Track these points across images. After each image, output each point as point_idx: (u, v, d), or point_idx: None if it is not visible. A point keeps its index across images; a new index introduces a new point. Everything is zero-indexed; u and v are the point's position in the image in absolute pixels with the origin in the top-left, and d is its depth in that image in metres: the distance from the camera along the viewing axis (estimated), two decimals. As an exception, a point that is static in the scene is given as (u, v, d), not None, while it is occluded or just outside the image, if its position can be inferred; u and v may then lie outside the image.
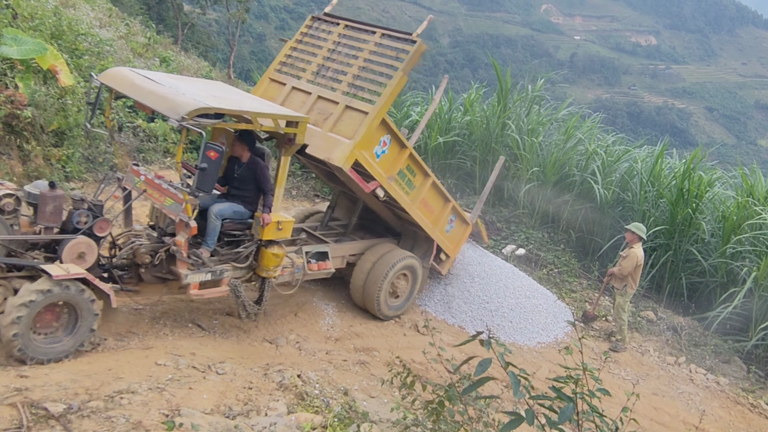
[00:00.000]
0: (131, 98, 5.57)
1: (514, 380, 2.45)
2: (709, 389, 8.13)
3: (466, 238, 8.51)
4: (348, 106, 6.61)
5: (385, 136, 6.75)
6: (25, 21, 9.42)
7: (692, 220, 10.41)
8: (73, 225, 5.34)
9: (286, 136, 5.94)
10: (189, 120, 4.96)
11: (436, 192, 7.70)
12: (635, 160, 12.09)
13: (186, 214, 5.51)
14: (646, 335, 9.29)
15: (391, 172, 6.93)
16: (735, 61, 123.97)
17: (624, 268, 8.37)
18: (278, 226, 6.07)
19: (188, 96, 5.29)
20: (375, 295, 7.35)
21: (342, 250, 7.48)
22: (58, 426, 3.87)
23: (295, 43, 7.59)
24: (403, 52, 6.68)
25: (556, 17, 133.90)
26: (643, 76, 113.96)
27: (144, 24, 17.59)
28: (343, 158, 6.30)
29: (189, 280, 5.71)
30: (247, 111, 5.49)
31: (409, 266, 7.68)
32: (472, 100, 13.64)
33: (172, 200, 5.69)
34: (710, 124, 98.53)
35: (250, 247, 6.14)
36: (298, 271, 6.70)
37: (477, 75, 62.97)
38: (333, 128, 6.56)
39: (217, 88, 6.42)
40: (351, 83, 6.80)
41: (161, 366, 5.07)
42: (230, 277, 6.06)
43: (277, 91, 7.23)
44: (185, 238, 5.58)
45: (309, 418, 4.54)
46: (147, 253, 5.73)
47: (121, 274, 5.78)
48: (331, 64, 7.09)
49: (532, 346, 8.26)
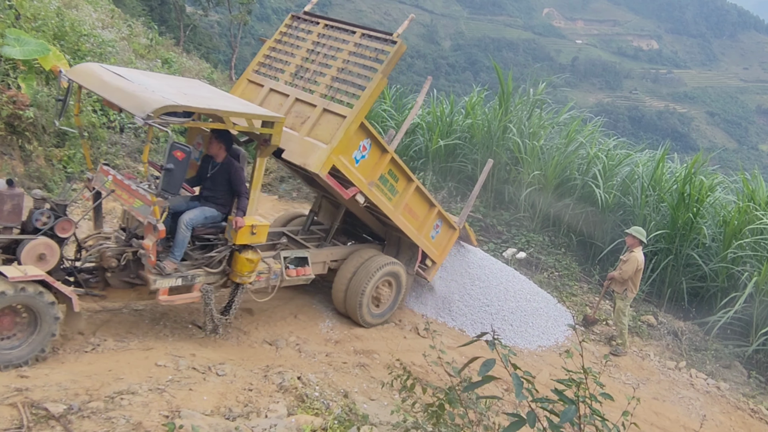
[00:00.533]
0: (98, 95, 5.34)
1: (517, 382, 2.44)
2: (709, 394, 8.12)
3: (452, 243, 8.29)
4: (326, 110, 6.39)
5: (365, 141, 6.51)
6: (28, 22, 9.45)
7: (693, 225, 10.41)
8: (34, 225, 5.11)
9: (261, 137, 5.75)
10: (155, 118, 4.74)
11: (420, 197, 7.49)
12: (636, 165, 12.10)
13: (154, 217, 5.28)
14: (647, 339, 9.28)
15: (371, 177, 6.70)
16: (736, 65, 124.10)
17: (624, 272, 8.36)
18: (252, 230, 5.83)
19: (156, 93, 5.05)
20: (357, 301, 7.14)
21: (323, 256, 7.24)
22: (59, 426, 3.87)
23: (274, 43, 7.33)
24: (383, 53, 6.40)
25: (557, 21, 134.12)
26: (644, 80, 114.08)
27: (146, 25, 17.65)
28: (319, 164, 6.06)
29: (158, 285, 5.49)
30: (218, 109, 5.25)
31: (392, 273, 7.46)
32: (474, 103, 13.66)
33: (141, 202, 5.48)
34: (711, 129, 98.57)
35: (223, 252, 5.92)
36: (275, 277, 6.45)
37: (478, 78, 63.02)
38: (310, 132, 6.34)
39: (191, 86, 6.19)
40: (329, 85, 6.56)
41: (161, 367, 5.07)
42: (202, 283, 5.83)
43: (255, 93, 7.01)
44: (153, 241, 5.33)
45: (309, 420, 4.54)
46: (113, 257, 5.51)
47: (87, 278, 5.56)
48: (310, 65, 6.84)
49: (533, 349, 8.25)
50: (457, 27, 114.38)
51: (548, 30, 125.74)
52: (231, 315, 6.16)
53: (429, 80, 8.82)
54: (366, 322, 7.35)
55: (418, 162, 13.64)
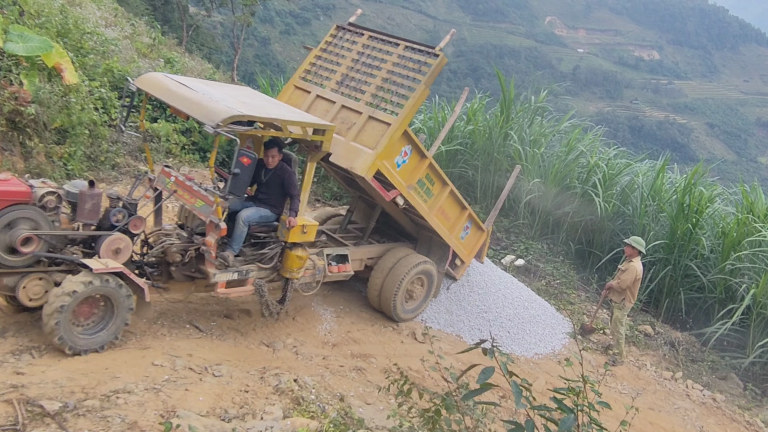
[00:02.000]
0: (167, 103, 5.75)
1: (516, 390, 2.44)
2: (705, 405, 8.11)
3: (480, 244, 8.64)
4: (371, 117, 6.74)
5: (406, 147, 6.88)
6: (31, 18, 9.45)
7: (692, 236, 10.42)
8: (110, 222, 5.54)
9: (312, 143, 6.07)
10: (223, 127, 5.08)
11: (453, 200, 7.84)
12: (636, 174, 12.13)
13: (216, 216, 5.68)
14: (644, 349, 9.28)
15: (410, 181, 7.07)
16: (737, 78, 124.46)
17: (623, 281, 8.36)
18: (303, 229, 6.21)
19: (222, 103, 5.44)
20: (392, 298, 7.47)
21: (361, 253, 7.62)
22: (54, 424, 3.86)
23: (320, 52, 7.72)
24: (426, 65, 6.79)
25: (560, 30, 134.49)
26: (645, 90, 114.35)
27: (149, 24, 17.65)
28: (365, 168, 6.46)
29: (217, 279, 5.89)
30: (278, 119, 5.63)
31: (425, 271, 7.80)
32: (475, 109, 13.66)
33: (203, 202, 5.90)
34: (711, 140, 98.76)
35: (275, 249, 6.33)
36: (319, 273, 6.87)
37: (480, 85, 63.20)
38: (356, 138, 6.70)
39: (247, 95, 6.58)
40: (374, 94, 6.93)
41: (158, 366, 5.06)
42: (255, 277, 6.24)
43: (302, 99, 7.37)
44: (215, 239, 5.75)
45: (305, 423, 4.53)
46: (178, 252, 5.92)
47: (151, 271, 5.98)
48: (355, 74, 7.23)
49: (530, 357, 8.24)
50: (459, 33, 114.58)
51: (550, 38, 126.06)
52: (286, 305, 6.61)
53: (466, 91, 9.27)
54: (399, 318, 7.71)
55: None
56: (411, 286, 7.74)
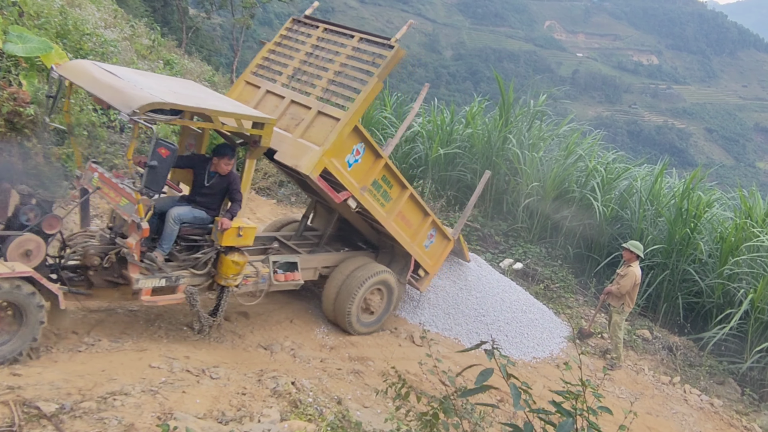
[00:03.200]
0: (87, 91, 5.29)
1: (515, 392, 2.43)
2: (703, 410, 8.11)
3: (446, 254, 8.17)
4: (320, 112, 6.34)
5: (359, 145, 6.47)
6: (31, 19, 9.44)
7: (690, 240, 10.43)
8: (20, 221, 5.03)
9: (251, 138, 5.70)
10: (141, 114, 4.67)
11: (414, 205, 7.40)
12: (635, 179, 12.14)
13: (138, 215, 5.18)
14: (642, 354, 9.28)
15: (364, 182, 6.63)
16: (735, 83, 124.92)
17: (622, 286, 8.34)
18: (239, 232, 5.77)
19: (145, 90, 4.98)
20: (346, 309, 7.03)
21: (314, 262, 7.19)
22: (50, 426, 3.84)
23: (274, 46, 7.27)
24: (380, 57, 6.36)
25: (559, 34, 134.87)
26: (644, 95, 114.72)
27: (149, 26, 17.65)
28: (310, 166, 6.00)
29: (141, 285, 5.40)
30: (207, 108, 5.18)
31: (383, 281, 7.32)
32: (474, 113, 13.69)
33: (127, 200, 5.36)
34: (709, 145, 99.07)
35: (209, 254, 5.84)
36: (263, 282, 6.38)
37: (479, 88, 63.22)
38: (303, 134, 6.29)
39: (185, 86, 6.13)
40: (326, 88, 6.52)
41: (155, 368, 5.05)
42: (187, 285, 5.75)
43: (252, 95, 6.94)
44: (137, 240, 5.24)
45: (302, 426, 4.52)
46: (96, 255, 5.39)
47: (71, 276, 5.42)
48: (308, 68, 6.81)
49: (527, 360, 8.24)
50: (458, 37, 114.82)
51: (549, 42, 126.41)
52: (219, 317, 6.09)
53: (426, 87, 8.79)
54: (355, 331, 7.22)
55: (417, 170, 13.65)
56: (368, 297, 7.26)
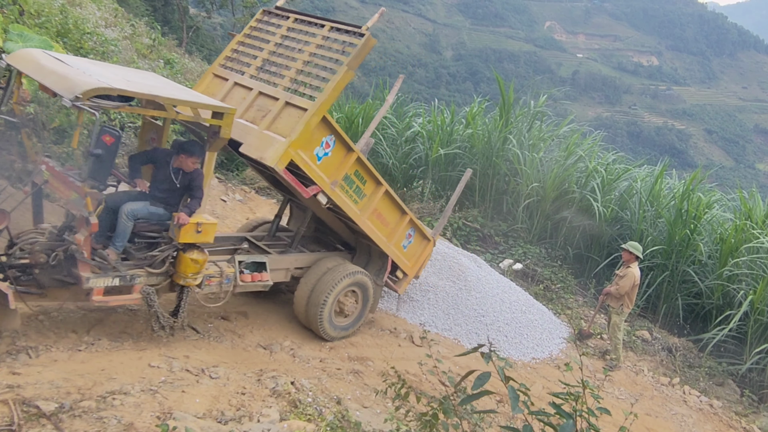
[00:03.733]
0: (36, 80, 5.00)
1: (513, 395, 2.43)
2: (702, 412, 8.11)
3: (427, 255, 7.87)
4: (288, 103, 6.08)
5: (328, 137, 6.17)
6: (31, 18, 9.44)
7: (690, 241, 10.43)
8: None
9: (211, 129, 5.46)
10: (84, 100, 4.43)
11: (390, 203, 7.09)
12: (635, 180, 12.16)
13: (86, 209, 4.88)
14: (641, 355, 9.28)
15: (335, 177, 6.34)
16: (735, 84, 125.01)
17: (621, 287, 8.34)
18: (198, 228, 5.47)
19: (92, 77, 4.72)
20: (318, 312, 6.69)
21: (285, 263, 6.86)
22: (50, 425, 3.84)
23: (243, 37, 7.03)
24: (351, 46, 6.12)
25: (559, 34, 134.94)
26: (643, 96, 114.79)
27: (149, 25, 17.63)
28: (276, 157, 5.70)
29: (91, 284, 5.08)
30: (159, 95, 4.89)
31: (358, 283, 6.98)
32: (475, 113, 13.70)
33: (77, 194, 5.04)
34: (709, 146, 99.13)
35: (166, 251, 5.53)
36: (228, 282, 6.06)
37: (479, 89, 63.26)
38: (270, 126, 6.02)
39: (144, 77, 5.84)
40: (294, 78, 6.26)
41: (154, 368, 5.04)
42: (143, 284, 5.43)
43: (220, 87, 6.70)
44: (86, 236, 4.94)
45: (301, 426, 4.52)
46: (43, 252, 5.07)
47: (18, 275, 5.10)
48: (276, 59, 6.58)
49: (527, 361, 8.23)
50: (459, 37, 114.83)
51: (549, 43, 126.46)
52: (180, 318, 5.78)
53: (401, 78, 8.58)
54: (328, 335, 6.87)
55: (417, 170, 13.66)
56: (342, 300, 6.92)
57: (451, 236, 11.57)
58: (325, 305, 6.68)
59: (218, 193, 10.56)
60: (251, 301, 7.26)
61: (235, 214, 10.00)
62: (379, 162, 13.38)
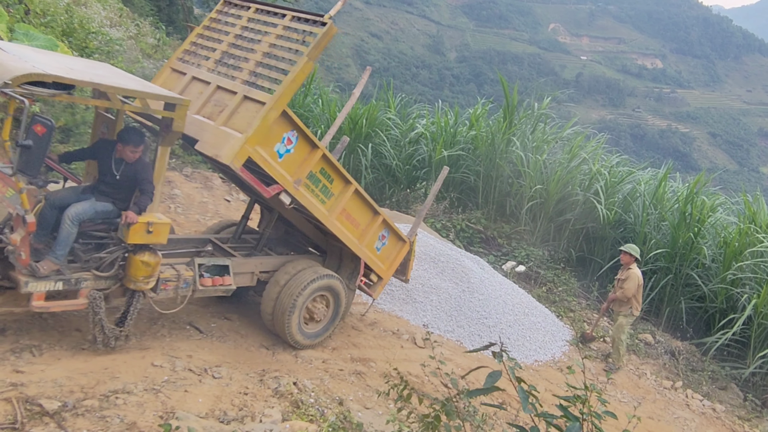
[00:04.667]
0: None
1: (523, 395, 2.43)
2: (705, 416, 8.09)
3: (401, 257, 7.47)
4: (246, 97, 5.73)
5: (290, 133, 5.81)
6: (37, 17, 9.47)
7: (693, 245, 10.41)
8: None
9: (162, 122, 5.17)
10: (14, 86, 4.15)
11: (360, 202, 6.72)
12: (638, 182, 12.15)
13: (22, 207, 4.55)
14: (644, 358, 9.26)
15: (299, 175, 5.97)
16: (740, 88, 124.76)
17: (627, 290, 8.32)
18: (148, 228, 5.09)
19: (27, 64, 4.41)
20: (286, 317, 6.31)
21: (250, 266, 6.49)
22: (53, 423, 3.85)
23: (203, 30, 6.70)
24: (311, 35, 5.77)
25: (563, 37, 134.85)
26: (647, 98, 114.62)
27: (154, 25, 17.67)
28: (231, 155, 5.35)
29: (30, 289, 4.69)
30: (101, 84, 4.58)
31: (328, 287, 6.61)
32: (478, 115, 13.70)
33: (13, 190, 4.73)
34: (713, 150, 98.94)
35: (115, 253, 5.15)
36: (186, 286, 5.66)
37: (482, 90, 63.26)
38: (227, 122, 5.68)
39: (92, 66, 5.50)
40: (253, 71, 5.93)
41: (157, 367, 5.05)
42: (90, 288, 5.02)
43: (177, 81, 6.36)
44: (23, 236, 4.60)
45: (303, 427, 4.52)
46: None
47: None
48: (236, 51, 6.26)
49: (529, 363, 8.22)
50: (462, 39, 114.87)
51: (553, 45, 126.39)
52: (127, 326, 5.32)
53: (368, 70, 8.37)
54: (296, 342, 6.47)
55: (420, 171, 13.65)
56: (311, 305, 6.55)
57: (454, 238, 11.57)
58: (293, 311, 6.31)
59: (222, 193, 10.57)
60: (254, 302, 7.26)
61: (239, 214, 10.00)
62: (382, 163, 13.38)
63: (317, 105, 14.17)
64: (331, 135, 7.76)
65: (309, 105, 13.88)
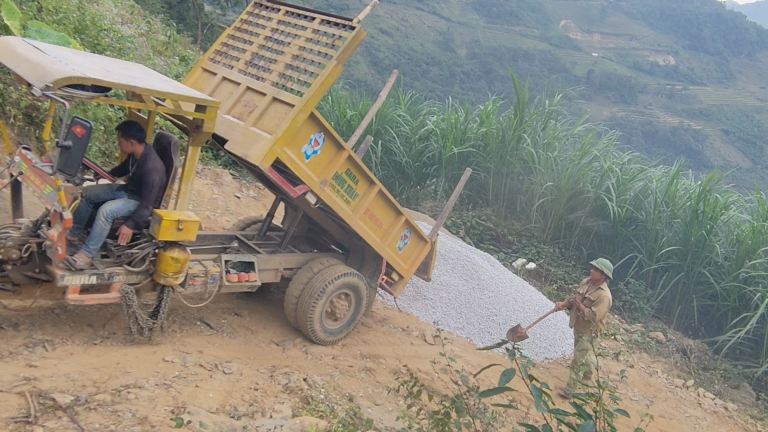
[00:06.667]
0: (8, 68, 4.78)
1: (537, 393, 2.42)
2: (717, 414, 8.03)
3: (423, 257, 7.56)
4: (275, 98, 5.85)
5: (317, 134, 5.94)
6: (49, 14, 9.53)
7: (706, 242, 10.34)
8: None
9: (193, 123, 5.27)
10: (55, 89, 4.25)
11: (384, 203, 6.84)
12: (650, 180, 12.07)
13: (60, 204, 4.70)
14: (655, 356, 9.20)
15: (325, 175, 6.10)
16: (753, 84, 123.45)
17: (599, 312, 7.25)
18: (178, 225, 5.25)
19: (67, 66, 4.52)
20: (308, 314, 6.47)
21: (275, 263, 6.64)
22: (65, 417, 3.88)
23: (234, 31, 6.82)
24: (340, 39, 5.88)
25: (574, 33, 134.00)
26: (659, 95, 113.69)
27: (165, 22, 17.73)
28: (261, 155, 5.47)
29: (66, 282, 4.89)
30: (136, 86, 4.71)
31: (350, 285, 6.75)
32: (489, 112, 13.65)
33: (52, 187, 4.86)
34: (726, 147, 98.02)
35: (146, 249, 5.32)
36: (213, 282, 5.85)
37: (493, 87, 63.02)
38: (257, 122, 5.79)
39: (126, 67, 5.59)
40: (282, 73, 6.04)
41: (168, 363, 5.08)
42: (123, 283, 5.22)
43: (208, 82, 6.51)
44: (60, 231, 4.76)
45: (314, 423, 4.53)
46: (15, 247, 4.91)
47: None
48: (265, 53, 6.37)
49: (539, 361, 8.20)
50: (473, 35, 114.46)
51: (564, 42, 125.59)
52: (160, 319, 5.51)
53: (395, 74, 8.45)
54: (318, 339, 6.63)
55: (431, 168, 13.63)
56: (334, 302, 6.70)
57: (464, 235, 11.54)
58: (316, 307, 6.47)
59: (232, 189, 10.60)
60: (265, 298, 7.29)
61: (249, 210, 10.04)
62: (392, 160, 13.37)
63: (326, 101, 14.18)
64: (356, 136, 7.89)
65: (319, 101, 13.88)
